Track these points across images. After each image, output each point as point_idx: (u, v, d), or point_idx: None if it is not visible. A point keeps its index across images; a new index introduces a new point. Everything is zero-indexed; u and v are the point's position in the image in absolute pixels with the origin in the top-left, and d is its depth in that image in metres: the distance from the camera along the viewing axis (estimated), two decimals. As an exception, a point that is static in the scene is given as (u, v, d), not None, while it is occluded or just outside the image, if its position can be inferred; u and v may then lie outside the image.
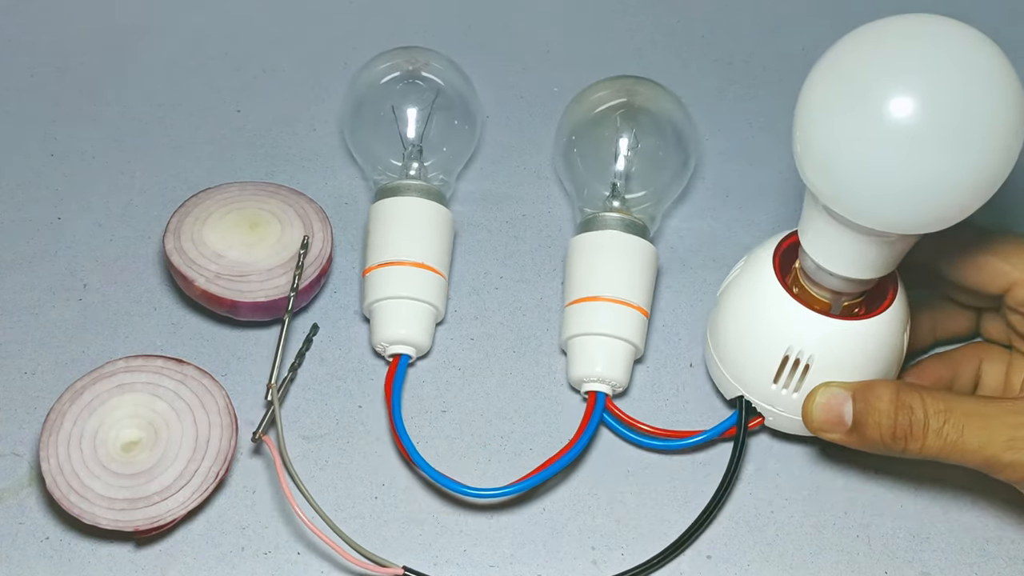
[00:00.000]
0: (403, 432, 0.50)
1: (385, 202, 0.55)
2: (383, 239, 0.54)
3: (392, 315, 0.53)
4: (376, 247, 0.54)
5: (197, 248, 0.54)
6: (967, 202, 0.41)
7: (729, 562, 0.49)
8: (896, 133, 0.39)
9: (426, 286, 0.54)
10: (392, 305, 0.53)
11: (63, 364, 0.54)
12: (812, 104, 0.42)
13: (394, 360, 0.53)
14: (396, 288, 0.53)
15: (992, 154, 0.40)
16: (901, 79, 0.40)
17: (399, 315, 0.53)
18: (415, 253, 0.54)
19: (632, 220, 0.55)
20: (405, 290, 0.53)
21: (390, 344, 0.53)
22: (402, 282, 0.53)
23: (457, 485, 0.49)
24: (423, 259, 0.54)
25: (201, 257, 0.54)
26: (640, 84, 0.59)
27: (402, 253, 0.54)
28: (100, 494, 0.47)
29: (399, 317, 0.53)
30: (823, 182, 0.42)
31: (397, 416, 0.51)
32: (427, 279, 0.54)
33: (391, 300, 0.53)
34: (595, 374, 0.52)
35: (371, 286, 0.54)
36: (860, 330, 0.48)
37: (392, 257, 0.54)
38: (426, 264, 0.54)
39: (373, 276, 0.54)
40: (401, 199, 0.55)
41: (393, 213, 0.55)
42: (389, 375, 0.53)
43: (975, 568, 0.50)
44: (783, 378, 0.49)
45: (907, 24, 0.41)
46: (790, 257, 0.50)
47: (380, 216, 0.55)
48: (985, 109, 0.39)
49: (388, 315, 0.53)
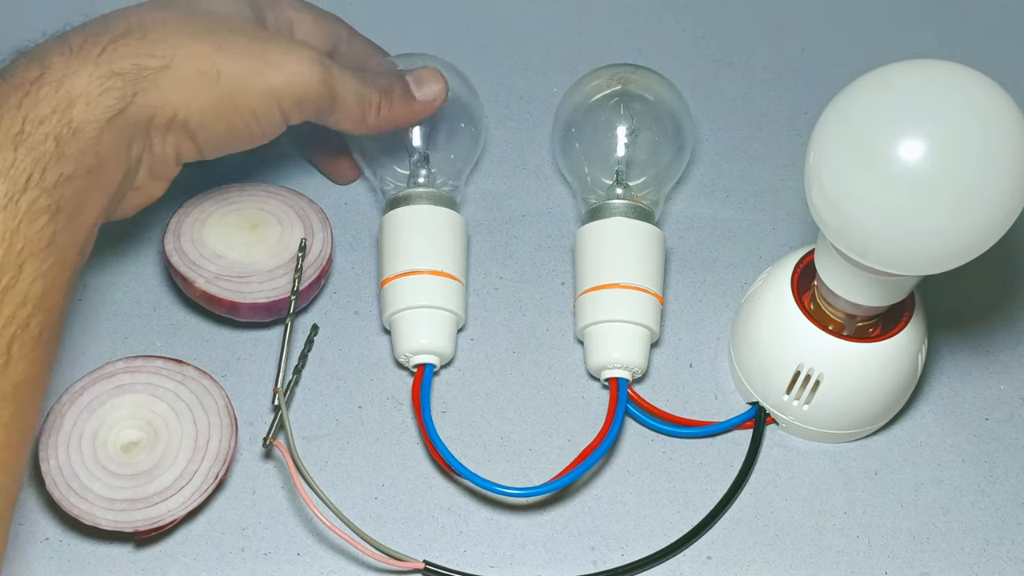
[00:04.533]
0: (437, 440, 0.50)
1: (398, 212, 0.55)
2: (399, 249, 0.54)
3: (414, 325, 0.53)
4: (392, 257, 0.54)
5: (197, 249, 0.54)
6: (974, 246, 0.41)
7: (729, 562, 0.49)
8: (901, 181, 0.40)
9: (445, 293, 0.53)
10: (412, 315, 0.53)
11: (63, 365, 0.54)
12: (819, 147, 0.43)
13: (419, 370, 0.53)
14: (415, 298, 0.53)
15: (998, 201, 0.40)
16: (908, 128, 0.40)
17: (421, 325, 0.53)
18: (432, 261, 0.53)
19: (638, 206, 0.55)
20: (425, 299, 0.53)
21: (413, 355, 0.53)
22: (421, 291, 0.53)
23: (499, 487, 0.49)
24: (440, 267, 0.53)
25: (201, 258, 0.54)
26: (633, 71, 0.59)
27: (419, 262, 0.53)
28: (100, 495, 0.47)
29: (421, 327, 0.53)
30: (829, 221, 0.43)
31: (429, 425, 0.51)
32: (446, 287, 0.53)
33: (411, 311, 0.53)
34: (614, 360, 0.52)
35: (390, 297, 0.53)
36: (869, 352, 0.49)
37: (409, 267, 0.53)
38: (444, 272, 0.53)
39: (391, 287, 0.53)
40: (414, 208, 0.55)
41: (406, 222, 0.54)
42: (415, 386, 0.52)
43: (975, 568, 0.50)
44: (794, 390, 0.51)
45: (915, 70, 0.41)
46: (810, 273, 0.50)
47: (393, 226, 0.55)
48: (992, 157, 0.39)
49: (409, 326, 0.53)
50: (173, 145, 0.49)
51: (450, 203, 0.56)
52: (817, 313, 0.50)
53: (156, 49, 0.46)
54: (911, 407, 0.54)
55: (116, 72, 0.45)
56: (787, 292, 0.51)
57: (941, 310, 0.55)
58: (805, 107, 0.65)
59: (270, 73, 0.48)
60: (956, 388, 0.55)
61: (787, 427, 0.53)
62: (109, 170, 0.46)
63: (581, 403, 0.54)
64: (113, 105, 0.45)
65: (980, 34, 0.70)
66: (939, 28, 0.70)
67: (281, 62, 0.49)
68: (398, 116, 0.54)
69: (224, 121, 0.49)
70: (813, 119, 0.44)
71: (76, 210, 0.44)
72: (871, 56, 0.47)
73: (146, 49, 0.46)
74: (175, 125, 0.48)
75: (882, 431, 0.53)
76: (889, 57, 0.43)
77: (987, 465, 0.53)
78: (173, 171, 0.51)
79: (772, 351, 0.51)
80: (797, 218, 0.61)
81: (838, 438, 0.52)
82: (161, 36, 0.47)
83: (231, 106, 0.48)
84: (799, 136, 0.64)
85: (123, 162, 0.47)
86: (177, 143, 0.49)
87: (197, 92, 0.47)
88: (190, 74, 0.47)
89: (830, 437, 0.52)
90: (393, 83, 0.54)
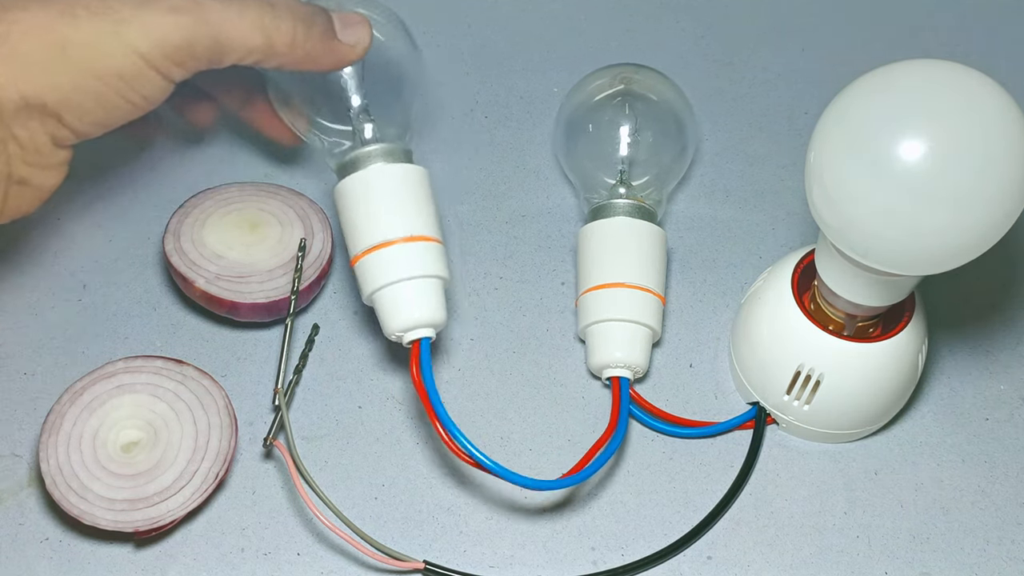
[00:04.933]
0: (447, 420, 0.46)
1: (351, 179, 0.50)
2: (361, 221, 0.49)
3: (398, 301, 0.48)
4: (356, 231, 0.50)
5: (197, 249, 0.54)
6: (975, 246, 0.41)
7: (729, 562, 0.49)
8: (901, 181, 0.40)
9: (424, 258, 0.49)
10: (394, 291, 0.48)
11: (63, 365, 0.54)
12: (819, 147, 0.43)
13: (414, 346, 0.48)
14: (393, 272, 0.48)
15: (999, 201, 0.40)
16: (908, 128, 0.40)
17: (406, 299, 0.48)
18: (401, 227, 0.49)
19: (641, 205, 0.55)
20: (404, 271, 0.48)
21: (406, 332, 0.49)
22: (397, 263, 0.48)
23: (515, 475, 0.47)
24: (411, 231, 0.49)
25: (201, 258, 0.54)
26: (636, 71, 0.59)
27: (388, 231, 0.49)
28: (100, 495, 0.47)
29: (406, 301, 0.48)
30: (830, 221, 0.43)
31: (437, 403, 0.47)
32: (423, 251, 0.49)
33: (391, 286, 0.48)
34: (616, 359, 0.52)
35: (365, 276, 0.49)
36: (868, 352, 0.49)
37: (378, 239, 0.49)
38: (416, 235, 0.49)
39: (364, 264, 0.49)
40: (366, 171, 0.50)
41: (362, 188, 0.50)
42: (414, 364, 0.48)
43: (975, 568, 0.50)
44: (795, 391, 0.51)
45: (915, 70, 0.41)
46: (811, 273, 0.50)
47: (349, 195, 0.50)
48: (993, 157, 0.39)
49: (394, 302, 0.48)
50: (41, 131, 0.44)
51: (405, 156, 0.51)
52: (817, 313, 0.50)
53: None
54: (911, 407, 0.54)
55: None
56: (787, 292, 0.51)
57: (941, 310, 0.55)
58: (805, 107, 0.65)
59: (126, 32, 0.43)
60: (956, 388, 0.55)
61: (787, 427, 0.53)
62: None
63: (581, 403, 0.54)
64: None
65: (980, 34, 0.70)
66: (939, 28, 0.70)
67: (135, 16, 0.43)
68: (317, 50, 0.48)
69: (89, 94, 0.44)
70: (813, 119, 0.44)
71: None
72: (871, 56, 0.47)
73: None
74: (31, 108, 0.43)
75: (882, 431, 0.53)
76: (889, 57, 0.43)
77: (987, 465, 0.53)
78: (56, 156, 0.46)
79: (772, 351, 0.51)
80: (797, 218, 0.61)
81: (838, 438, 0.52)
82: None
83: (92, 76, 0.43)
84: (799, 136, 0.64)
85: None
86: (44, 127, 0.44)
87: (45, 68, 0.43)
88: (32, 48, 0.42)
89: (830, 437, 0.52)
90: (315, 15, 0.49)
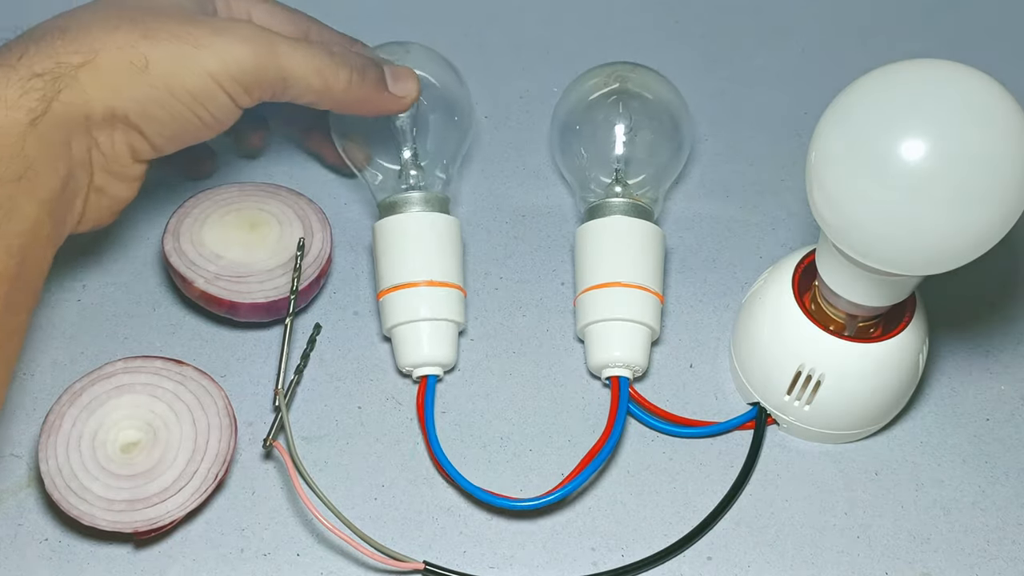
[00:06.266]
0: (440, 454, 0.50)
1: (390, 220, 0.54)
2: (393, 261, 0.53)
3: (414, 339, 0.53)
4: (387, 269, 0.53)
5: (196, 249, 0.54)
6: (975, 246, 0.41)
7: (730, 563, 0.49)
8: (902, 181, 0.40)
9: (444, 304, 0.53)
10: (412, 329, 0.53)
11: (62, 365, 0.54)
12: (820, 147, 0.43)
13: (422, 382, 0.53)
14: (414, 311, 0.52)
15: (999, 201, 0.40)
16: (908, 127, 0.40)
17: (421, 338, 0.52)
18: (427, 272, 0.53)
19: (637, 204, 0.55)
20: (423, 312, 0.52)
21: (416, 368, 0.53)
22: (419, 304, 0.52)
23: (505, 501, 0.49)
24: (437, 276, 0.53)
25: (200, 258, 0.54)
26: (631, 69, 0.59)
27: (414, 274, 0.53)
28: (99, 495, 0.47)
29: (421, 340, 0.52)
30: (830, 221, 0.43)
31: (432, 438, 0.51)
32: (444, 296, 0.53)
33: (410, 324, 0.53)
34: (616, 359, 0.52)
35: (388, 310, 0.53)
36: (869, 352, 0.49)
37: (405, 279, 0.53)
38: (440, 281, 0.53)
39: (389, 300, 0.53)
40: (405, 216, 0.54)
41: (399, 232, 0.54)
42: (420, 398, 0.52)
43: (975, 569, 0.50)
44: (795, 391, 0.51)
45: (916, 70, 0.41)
46: (811, 273, 0.50)
47: (386, 236, 0.54)
48: (993, 157, 0.39)
49: (410, 339, 0.53)
50: (122, 141, 0.48)
51: (443, 205, 0.55)
52: (818, 313, 0.50)
53: (77, 45, 0.45)
54: (912, 407, 0.54)
55: (36, 73, 0.44)
56: (788, 292, 0.51)
57: (941, 310, 0.55)
58: (805, 107, 0.65)
59: (201, 55, 0.47)
60: (956, 388, 0.55)
61: (788, 428, 0.53)
62: (42, 174, 0.44)
63: (581, 403, 0.54)
64: (35, 107, 0.44)
65: (980, 34, 0.70)
66: (939, 28, 0.70)
67: (211, 42, 0.47)
68: (368, 98, 0.52)
69: (165, 109, 0.47)
70: (813, 119, 0.44)
71: (4, 217, 0.42)
72: (871, 56, 0.47)
73: (67, 47, 0.45)
74: (115, 120, 0.47)
75: (882, 431, 0.53)
76: (889, 57, 0.43)
77: (988, 465, 0.53)
78: (134, 169, 0.50)
79: (773, 351, 0.51)
80: (797, 218, 0.61)
81: (839, 438, 0.52)
82: (82, 32, 0.46)
83: (168, 94, 0.47)
84: (799, 136, 0.64)
85: (60, 165, 0.45)
86: (126, 139, 0.48)
87: (128, 83, 0.46)
88: (116, 66, 0.46)
89: (831, 438, 0.52)
90: (369, 66, 0.52)
